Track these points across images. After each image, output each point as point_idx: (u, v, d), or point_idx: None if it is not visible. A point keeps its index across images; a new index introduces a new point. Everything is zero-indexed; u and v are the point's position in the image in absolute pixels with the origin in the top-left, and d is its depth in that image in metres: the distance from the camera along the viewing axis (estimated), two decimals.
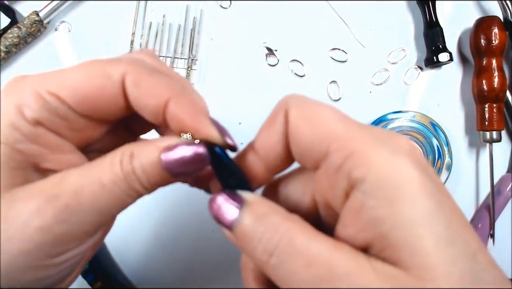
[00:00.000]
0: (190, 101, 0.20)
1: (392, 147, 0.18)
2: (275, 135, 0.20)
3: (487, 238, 0.49)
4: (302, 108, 0.19)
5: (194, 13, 0.49)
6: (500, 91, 0.47)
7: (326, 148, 0.18)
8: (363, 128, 0.18)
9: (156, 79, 0.20)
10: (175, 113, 0.20)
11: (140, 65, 0.20)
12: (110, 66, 0.20)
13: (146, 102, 0.20)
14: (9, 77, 0.47)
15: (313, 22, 0.50)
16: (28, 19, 0.46)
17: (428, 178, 0.17)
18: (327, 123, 0.18)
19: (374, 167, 0.17)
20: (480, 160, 0.51)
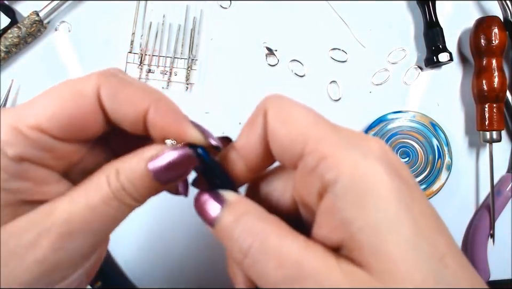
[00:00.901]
0: (169, 106, 0.20)
1: (364, 150, 0.18)
2: (255, 136, 0.21)
3: (487, 238, 0.49)
4: (279, 109, 0.20)
5: (194, 13, 0.49)
6: (500, 91, 0.47)
7: (301, 150, 0.18)
8: (336, 130, 0.19)
9: (131, 88, 0.20)
10: (156, 120, 0.20)
11: (112, 78, 0.20)
12: (82, 84, 0.20)
13: (125, 113, 0.20)
14: (9, 77, 0.47)
15: (313, 22, 0.50)
16: (28, 19, 0.46)
17: (399, 181, 0.18)
18: (301, 125, 0.19)
19: (345, 170, 0.17)
20: (480, 160, 0.51)
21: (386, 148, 0.19)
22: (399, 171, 0.18)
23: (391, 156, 0.19)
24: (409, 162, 0.48)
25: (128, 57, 0.48)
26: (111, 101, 0.20)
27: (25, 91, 0.47)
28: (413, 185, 0.18)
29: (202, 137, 0.21)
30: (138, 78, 0.48)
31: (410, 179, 0.19)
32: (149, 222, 0.47)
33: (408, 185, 0.18)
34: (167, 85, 0.48)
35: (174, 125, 0.20)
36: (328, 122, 0.19)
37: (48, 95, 0.19)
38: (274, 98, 0.20)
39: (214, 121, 0.49)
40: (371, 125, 0.48)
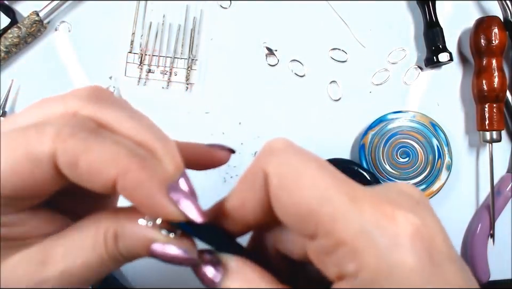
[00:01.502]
0: (140, 177, 0.17)
1: (391, 237, 0.15)
2: (254, 200, 0.18)
3: (487, 238, 0.49)
4: (283, 176, 0.17)
5: (194, 13, 0.49)
6: (500, 91, 0.47)
7: (313, 229, 0.16)
8: (355, 206, 0.16)
9: (95, 152, 0.16)
10: (126, 194, 0.17)
11: (71, 136, 0.17)
12: (35, 145, 0.16)
13: (88, 182, 0.17)
14: (9, 77, 0.47)
15: (313, 22, 0.50)
16: (28, 19, 0.46)
17: (428, 269, 0.15)
18: (312, 199, 0.16)
19: (368, 264, 0.15)
20: (480, 160, 0.51)
21: (418, 224, 0.16)
22: (432, 251, 0.16)
23: (424, 232, 0.16)
24: (409, 162, 0.48)
25: (128, 57, 0.48)
26: (70, 171, 0.17)
27: (25, 92, 0.47)
28: (446, 263, 0.16)
29: (179, 212, 0.17)
30: (138, 78, 0.48)
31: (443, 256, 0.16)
32: None
33: (439, 268, 0.16)
34: (167, 85, 0.48)
35: (147, 202, 0.17)
36: (347, 189, 0.16)
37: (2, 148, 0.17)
38: (276, 156, 0.18)
39: (214, 121, 0.49)
40: (371, 125, 0.48)
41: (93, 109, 0.18)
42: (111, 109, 0.19)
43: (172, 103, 0.49)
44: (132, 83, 0.48)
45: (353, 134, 0.50)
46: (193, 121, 0.49)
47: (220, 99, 0.49)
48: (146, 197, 0.17)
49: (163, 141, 0.19)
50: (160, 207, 0.17)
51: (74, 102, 0.18)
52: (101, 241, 0.18)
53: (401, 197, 0.17)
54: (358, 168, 0.47)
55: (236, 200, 0.19)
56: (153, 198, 0.17)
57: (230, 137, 0.49)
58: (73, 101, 0.18)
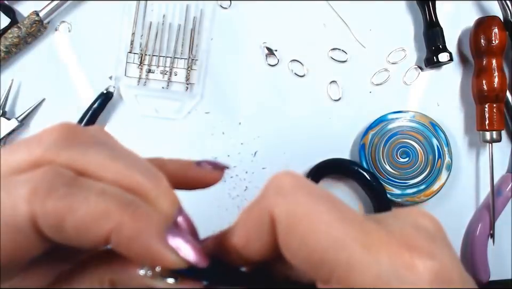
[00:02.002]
0: (135, 227, 0.15)
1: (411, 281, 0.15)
2: (258, 241, 0.17)
3: (487, 238, 0.49)
4: (293, 221, 0.16)
5: (194, 13, 0.49)
6: (500, 92, 0.47)
7: (326, 276, 0.15)
8: (371, 251, 0.15)
9: (80, 210, 0.15)
10: (120, 250, 0.16)
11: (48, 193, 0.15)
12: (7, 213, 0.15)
13: (77, 242, 0.16)
14: (10, 77, 0.47)
15: (313, 22, 0.50)
16: (28, 19, 0.46)
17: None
18: (325, 247, 0.15)
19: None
20: (480, 160, 0.51)
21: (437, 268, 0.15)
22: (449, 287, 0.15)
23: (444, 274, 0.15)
24: (409, 162, 0.48)
25: (128, 57, 0.48)
26: (55, 234, 0.15)
27: (25, 91, 0.47)
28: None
29: (182, 261, 0.16)
30: (138, 78, 0.48)
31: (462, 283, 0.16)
32: None
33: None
34: (167, 85, 0.48)
35: (145, 253, 0.16)
36: (361, 230, 0.15)
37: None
38: (283, 198, 0.16)
39: (214, 121, 0.49)
40: (371, 125, 0.48)
41: (68, 154, 0.16)
42: (90, 151, 0.17)
43: (172, 103, 0.49)
44: (132, 83, 0.48)
45: (353, 134, 0.50)
46: (193, 121, 0.49)
47: (220, 99, 0.49)
48: (145, 248, 0.16)
49: (153, 180, 0.17)
50: (160, 256, 0.16)
51: (44, 149, 0.16)
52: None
53: (417, 233, 0.16)
54: (358, 168, 0.47)
55: (240, 238, 0.18)
56: (151, 248, 0.16)
57: (230, 137, 0.49)
58: (42, 147, 0.16)
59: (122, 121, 0.48)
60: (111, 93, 0.47)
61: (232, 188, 0.48)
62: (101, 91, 0.47)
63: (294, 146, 0.49)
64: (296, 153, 0.49)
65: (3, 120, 0.46)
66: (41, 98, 0.47)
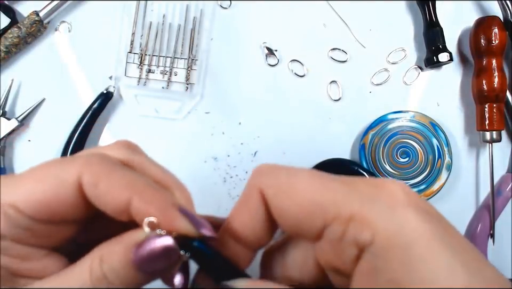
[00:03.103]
0: (155, 196, 0.19)
1: (388, 200, 0.17)
2: (253, 219, 0.19)
3: (487, 238, 0.49)
4: (278, 185, 0.18)
5: (194, 13, 0.49)
6: (500, 92, 0.47)
7: (321, 221, 0.17)
8: (349, 187, 0.18)
9: (115, 177, 0.19)
10: (140, 211, 0.18)
11: (97, 163, 0.19)
12: (63, 170, 0.19)
13: (107, 203, 0.19)
14: (10, 77, 0.47)
15: (313, 22, 0.50)
16: (27, 19, 0.46)
17: (434, 224, 0.17)
18: (312, 195, 0.17)
19: (378, 227, 0.16)
20: (480, 160, 0.51)
21: (407, 190, 0.18)
22: (428, 211, 0.17)
23: (414, 197, 0.17)
24: (409, 162, 0.48)
25: (128, 57, 0.48)
26: (92, 190, 0.19)
27: (25, 91, 0.47)
28: (442, 219, 0.17)
29: (193, 228, 0.19)
30: (138, 78, 0.48)
31: (439, 216, 0.18)
32: None
33: (441, 223, 0.17)
34: (167, 85, 0.48)
35: (161, 216, 0.18)
36: (336, 179, 0.18)
37: (31, 177, 0.19)
38: (266, 174, 0.19)
39: (214, 121, 0.49)
40: (371, 125, 0.48)
41: (123, 152, 0.21)
42: (138, 155, 0.22)
43: (172, 103, 0.49)
44: (132, 83, 0.48)
45: (353, 134, 0.50)
46: (193, 121, 0.49)
47: (220, 99, 0.49)
48: (161, 212, 0.18)
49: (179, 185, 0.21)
50: (175, 222, 0.18)
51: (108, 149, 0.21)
52: (85, 269, 0.18)
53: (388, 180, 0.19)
54: (358, 168, 0.47)
55: (235, 223, 0.20)
56: (168, 214, 0.18)
57: (230, 137, 0.49)
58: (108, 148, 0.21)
59: (122, 121, 0.48)
60: (111, 93, 0.47)
61: (232, 188, 0.48)
62: (101, 91, 0.47)
63: (294, 146, 0.49)
64: (296, 153, 0.49)
65: (3, 120, 0.46)
66: (41, 98, 0.47)
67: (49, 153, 0.47)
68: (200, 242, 0.19)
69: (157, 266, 0.18)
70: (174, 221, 0.18)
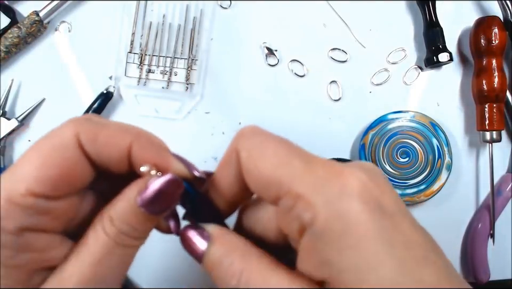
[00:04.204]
0: (151, 140, 0.21)
1: (339, 188, 0.18)
2: (230, 174, 0.21)
3: (487, 238, 0.49)
4: (250, 150, 0.20)
5: (194, 13, 0.49)
6: (500, 92, 0.47)
7: (276, 191, 0.18)
8: (309, 168, 0.18)
9: (109, 129, 0.20)
10: (139, 155, 0.20)
11: (89, 122, 0.20)
12: (60, 136, 0.19)
13: (108, 153, 0.20)
14: (10, 77, 0.47)
15: (313, 22, 0.50)
16: (27, 19, 0.46)
17: (380, 216, 0.17)
18: (273, 166, 0.19)
19: (320, 211, 0.17)
20: (480, 160, 0.51)
21: (365, 180, 0.18)
22: (381, 203, 0.18)
23: (372, 187, 0.18)
24: (409, 162, 0.48)
25: (128, 57, 0.48)
26: (92, 145, 0.19)
27: (25, 91, 0.47)
28: (398, 215, 0.18)
29: (186, 169, 0.20)
30: (138, 78, 0.48)
31: (394, 209, 0.18)
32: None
33: (391, 218, 0.17)
34: (167, 85, 0.48)
35: (157, 158, 0.20)
36: (302, 157, 0.19)
37: (30, 156, 0.19)
38: (245, 137, 0.20)
39: (214, 121, 0.49)
40: (371, 125, 0.48)
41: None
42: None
43: (172, 103, 0.49)
44: (132, 83, 0.48)
45: (353, 134, 0.50)
46: (193, 121, 0.49)
47: (220, 99, 0.49)
48: (157, 154, 0.20)
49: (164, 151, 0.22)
50: (170, 163, 0.20)
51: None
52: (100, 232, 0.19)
53: (354, 164, 0.19)
54: None
55: (217, 177, 0.22)
56: (163, 156, 0.20)
57: (230, 137, 0.48)
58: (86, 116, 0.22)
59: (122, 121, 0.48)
60: (111, 93, 0.47)
61: None
62: (101, 91, 0.47)
63: None
64: None
65: (3, 120, 0.46)
66: (41, 98, 0.47)
67: None
68: (188, 183, 0.20)
69: (164, 203, 0.19)
70: (170, 163, 0.20)
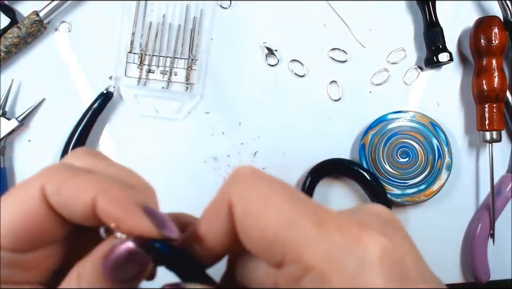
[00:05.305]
0: (120, 193, 0.18)
1: (358, 258, 0.15)
2: (219, 230, 0.18)
3: (487, 238, 0.49)
4: (247, 204, 0.17)
5: (194, 13, 0.49)
6: (500, 92, 0.47)
7: (281, 256, 0.16)
8: (322, 230, 0.16)
9: (78, 180, 0.18)
10: (104, 211, 0.17)
11: (58, 171, 0.18)
12: (25, 188, 0.18)
13: (72, 208, 0.18)
14: (10, 77, 0.47)
15: (313, 22, 0.50)
16: (27, 19, 0.46)
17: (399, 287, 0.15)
18: (276, 227, 0.16)
19: (337, 285, 0.15)
20: (480, 160, 0.51)
21: (385, 244, 0.15)
22: (403, 270, 0.16)
23: (393, 250, 0.16)
24: (409, 162, 0.48)
25: (128, 57, 0.48)
26: (57, 199, 0.18)
27: (25, 91, 0.47)
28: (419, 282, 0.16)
29: (155, 229, 0.17)
30: (138, 78, 0.48)
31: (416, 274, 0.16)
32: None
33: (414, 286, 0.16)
34: (167, 85, 0.48)
35: (123, 216, 0.17)
36: (313, 215, 0.16)
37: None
38: (241, 184, 0.18)
39: (214, 121, 0.49)
40: (371, 125, 0.48)
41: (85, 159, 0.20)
42: (102, 160, 0.20)
43: (172, 103, 0.49)
44: (132, 83, 0.48)
45: (353, 134, 0.50)
46: (193, 121, 0.49)
47: (220, 99, 0.49)
48: (124, 210, 0.17)
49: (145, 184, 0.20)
50: (136, 222, 0.17)
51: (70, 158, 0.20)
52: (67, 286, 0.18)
53: (369, 217, 0.17)
54: (358, 168, 0.47)
55: (202, 228, 0.19)
56: (130, 213, 0.17)
57: (230, 137, 0.49)
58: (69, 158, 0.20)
59: (122, 121, 0.48)
60: (111, 93, 0.47)
61: None
62: (101, 91, 0.47)
63: (294, 146, 0.49)
64: (296, 153, 0.49)
65: (3, 120, 0.46)
66: (41, 98, 0.47)
67: (49, 153, 0.47)
68: (162, 243, 0.18)
69: (128, 272, 0.17)
70: (136, 221, 0.17)
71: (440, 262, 0.50)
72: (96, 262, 0.17)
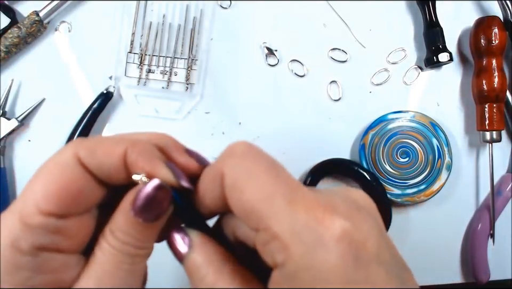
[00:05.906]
0: (143, 147, 0.21)
1: (317, 236, 0.17)
2: (214, 194, 0.21)
3: (487, 238, 0.49)
4: (234, 177, 0.19)
5: (194, 13, 0.49)
6: (500, 92, 0.47)
7: (255, 224, 0.19)
8: (291, 207, 0.18)
9: (105, 142, 0.21)
10: (132, 163, 0.20)
11: (87, 140, 0.21)
12: (61, 156, 0.20)
13: (106, 164, 0.20)
14: (10, 77, 0.47)
15: (313, 22, 0.50)
16: (27, 19, 0.46)
17: (352, 268, 0.17)
18: (255, 199, 0.18)
19: (293, 257, 0.17)
20: (480, 160, 0.51)
21: (347, 227, 0.17)
22: (359, 252, 0.17)
23: (354, 233, 0.17)
24: (409, 162, 0.48)
25: (128, 57, 0.48)
26: (90, 159, 0.20)
27: (25, 91, 0.47)
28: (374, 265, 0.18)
29: (173, 177, 0.21)
30: (138, 78, 0.48)
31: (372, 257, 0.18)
32: None
33: (366, 269, 0.17)
34: (167, 85, 0.48)
35: (147, 165, 0.20)
36: (287, 193, 0.18)
37: (36, 177, 0.20)
38: (233, 159, 0.20)
39: (214, 121, 0.49)
40: (371, 125, 0.48)
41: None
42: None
43: (172, 103, 0.49)
44: (132, 83, 0.48)
45: (353, 134, 0.50)
46: (193, 121, 0.49)
47: (220, 99, 0.49)
48: (149, 160, 0.20)
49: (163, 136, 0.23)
50: (159, 170, 0.20)
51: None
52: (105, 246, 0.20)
53: (343, 201, 0.19)
54: (358, 168, 0.47)
55: (200, 190, 0.22)
56: (154, 163, 0.20)
57: (230, 137, 0.49)
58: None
59: (122, 121, 0.48)
60: (111, 93, 0.47)
61: None
62: (101, 91, 0.47)
63: (294, 146, 0.49)
64: (296, 153, 0.49)
65: (3, 120, 0.46)
66: (41, 98, 0.47)
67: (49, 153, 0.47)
68: (176, 192, 0.21)
69: (156, 208, 0.20)
70: (159, 170, 0.20)
71: (440, 262, 0.50)
72: (126, 209, 0.20)
